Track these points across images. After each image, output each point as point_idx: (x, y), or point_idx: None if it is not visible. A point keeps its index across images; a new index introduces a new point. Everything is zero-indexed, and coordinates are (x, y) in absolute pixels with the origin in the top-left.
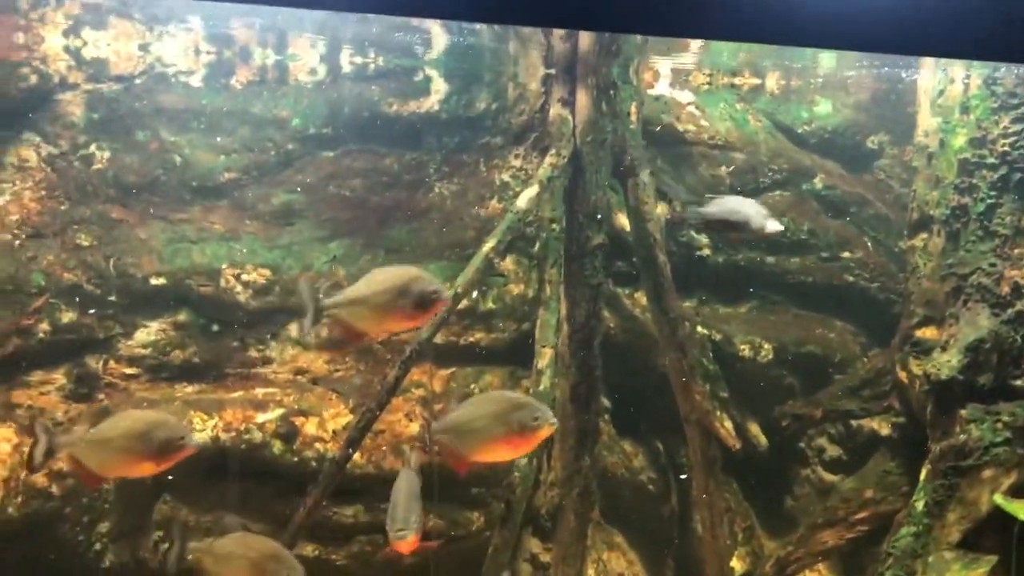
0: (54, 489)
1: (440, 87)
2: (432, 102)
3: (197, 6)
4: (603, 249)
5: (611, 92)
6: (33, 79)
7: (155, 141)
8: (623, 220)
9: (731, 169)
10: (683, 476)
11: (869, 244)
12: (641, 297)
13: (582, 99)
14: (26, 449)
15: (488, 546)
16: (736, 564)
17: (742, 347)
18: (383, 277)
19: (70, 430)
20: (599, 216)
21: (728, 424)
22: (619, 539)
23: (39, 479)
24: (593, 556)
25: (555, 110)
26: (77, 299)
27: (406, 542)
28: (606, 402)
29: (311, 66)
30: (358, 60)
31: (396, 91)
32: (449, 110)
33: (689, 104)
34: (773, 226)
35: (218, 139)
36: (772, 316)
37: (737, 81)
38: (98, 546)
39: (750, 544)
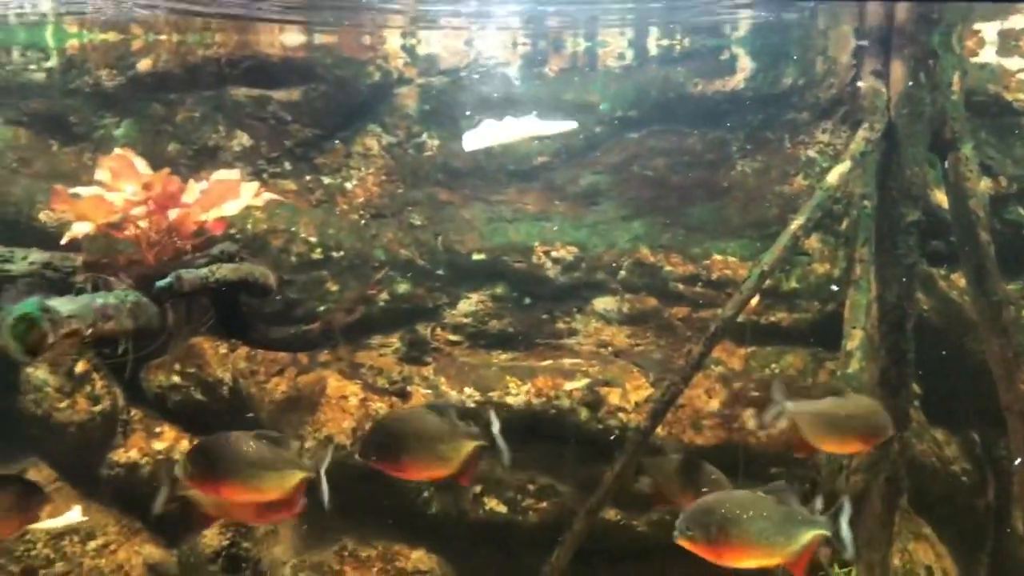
0: None
1: (746, 65)
2: (737, 80)
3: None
4: (918, 227)
5: (930, 62)
6: (376, 76)
7: None
8: (940, 197)
9: None
10: (1018, 461)
11: None
12: (958, 278)
13: (897, 70)
14: (371, 404)
15: None
16: None
17: None
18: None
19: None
20: (914, 192)
21: None
22: (927, 530)
23: None
24: (898, 545)
25: (868, 82)
26: (410, 272)
27: None
28: (917, 388)
29: (619, 51)
30: (665, 43)
31: (702, 71)
32: (754, 88)
33: (1019, 71)
34: None
35: None
36: None
37: None
38: (426, 494)
39: None
